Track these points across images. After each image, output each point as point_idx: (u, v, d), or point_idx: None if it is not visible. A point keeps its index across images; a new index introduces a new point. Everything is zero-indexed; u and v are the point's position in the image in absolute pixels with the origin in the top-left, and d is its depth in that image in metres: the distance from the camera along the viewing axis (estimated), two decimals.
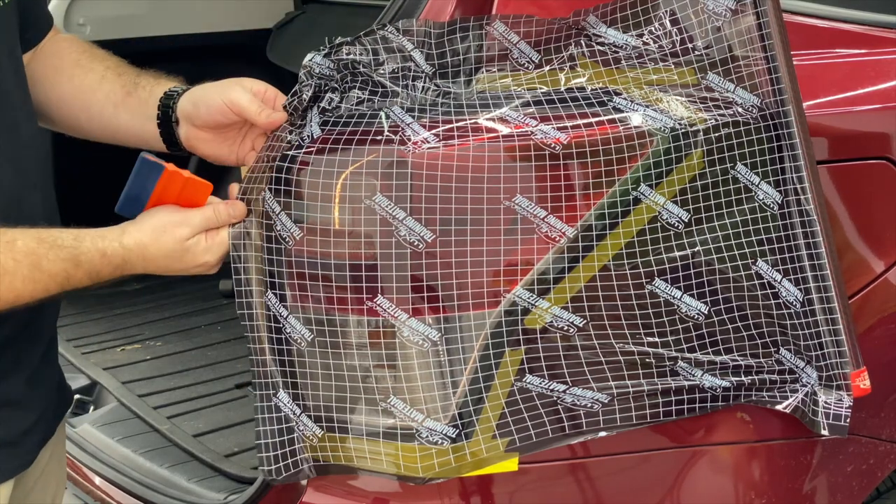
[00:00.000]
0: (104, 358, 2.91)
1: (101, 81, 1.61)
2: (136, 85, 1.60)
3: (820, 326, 1.58)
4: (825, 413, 1.59)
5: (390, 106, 1.50)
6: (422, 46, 1.55)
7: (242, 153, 1.57)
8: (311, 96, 1.49)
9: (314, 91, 1.49)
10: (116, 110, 1.60)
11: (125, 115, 1.60)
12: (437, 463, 1.48)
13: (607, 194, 1.50)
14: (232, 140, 1.56)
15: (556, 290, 1.49)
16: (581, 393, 1.52)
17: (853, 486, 1.81)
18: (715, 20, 1.56)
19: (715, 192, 1.55)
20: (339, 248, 1.47)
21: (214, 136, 1.55)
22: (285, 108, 1.51)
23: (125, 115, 1.60)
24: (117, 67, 1.63)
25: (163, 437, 2.44)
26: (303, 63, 1.51)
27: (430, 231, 1.45)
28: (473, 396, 1.48)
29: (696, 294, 1.55)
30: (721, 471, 1.74)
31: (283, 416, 1.52)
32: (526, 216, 1.47)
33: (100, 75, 1.62)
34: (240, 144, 1.56)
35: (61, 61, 1.63)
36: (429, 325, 1.46)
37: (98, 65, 1.63)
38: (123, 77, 1.62)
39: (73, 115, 1.64)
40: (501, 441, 1.50)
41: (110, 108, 1.60)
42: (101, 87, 1.61)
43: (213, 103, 1.52)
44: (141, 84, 1.60)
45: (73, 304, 3.30)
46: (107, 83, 1.61)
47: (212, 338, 3.05)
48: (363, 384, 1.49)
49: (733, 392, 1.59)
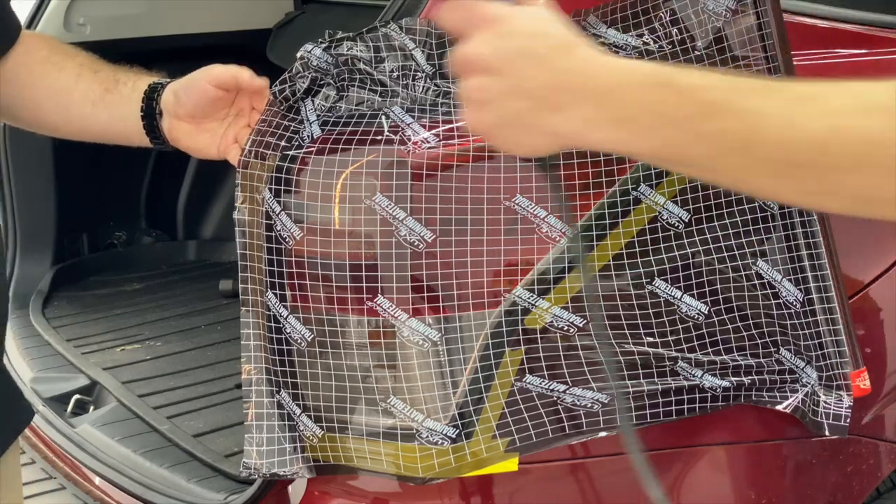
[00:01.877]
0: (104, 358, 2.91)
1: (77, 80, 1.57)
2: (115, 81, 1.56)
3: (820, 326, 1.58)
4: (825, 413, 1.59)
5: (390, 106, 1.50)
6: (423, 46, 1.55)
7: (224, 146, 1.54)
8: (305, 88, 1.49)
9: (309, 83, 1.49)
10: (95, 108, 1.56)
11: (104, 113, 1.56)
12: (437, 463, 1.48)
13: (607, 194, 1.50)
14: (213, 132, 1.54)
15: (556, 290, 1.49)
16: (581, 393, 1.52)
17: (853, 486, 1.81)
18: (715, 20, 1.56)
19: (715, 192, 1.55)
20: (339, 248, 1.47)
21: (195, 127, 1.53)
22: (275, 94, 1.50)
23: (104, 112, 1.56)
24: (92, 64, 1.59)
25: (163, 437, 2.43)
26: (299, 54, 1.50)
27: (430, 231, 1.45)
28: (473, 396, 1.48)
29: (696, 294, 1.55)
30: (721, 471, 1.74)
31: (285, 414, 1.52)
32: (526, 216, 1.47)
33: (74, 73, 1.57)
34: (221, 136, 1.54)
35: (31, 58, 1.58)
36: (429, 326, 1.46)
37: (70, 62, 1.59)
38: (100, 74, 1.58)
39: (47, 115, 1.60)
40: (501, 441, 1.49)
41: (88, 107, 1.56)
42: (77, 87, 1.57)
43: (194, 86, 1.50)
44: (121, 80, 1.57)
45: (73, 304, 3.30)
46: (83, 82, 1.57)
47: (212, 338, 3.05)
48: (363, 384, 1.49)
49: (733, 392, 1.59)
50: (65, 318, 3.20)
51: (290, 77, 1.50)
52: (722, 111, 0.91)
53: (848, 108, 0.89)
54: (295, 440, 1.52)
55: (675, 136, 0.93)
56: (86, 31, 3.29)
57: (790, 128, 0.89)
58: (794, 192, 0.94)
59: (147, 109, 1.53)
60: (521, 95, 0.98)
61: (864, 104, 0.89)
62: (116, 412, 2.58)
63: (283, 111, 1.51)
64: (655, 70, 0.96)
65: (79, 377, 2.77)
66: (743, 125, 0.90)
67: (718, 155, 0.92)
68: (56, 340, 2.99)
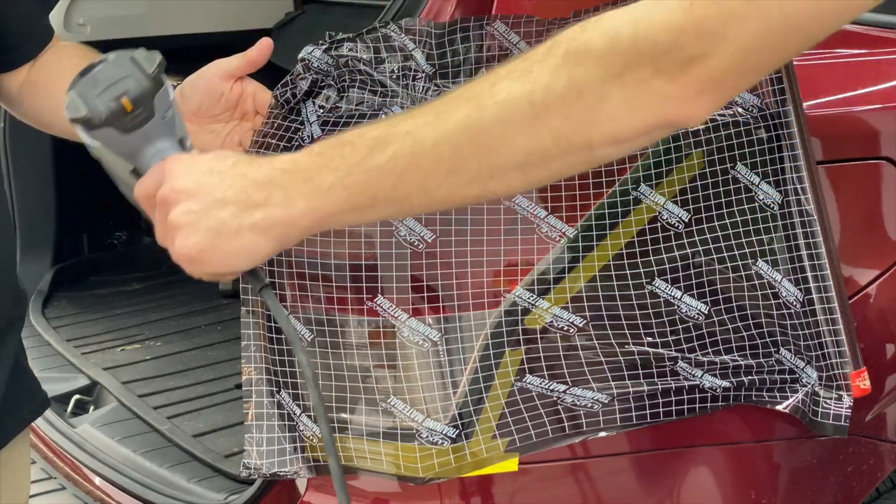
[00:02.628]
0: (104, 358, 2.91)
1: None
2: None
3: (820, 326, 1.58)
4: (825, 413, 1.59)
5: (390, 106, 1.50)
6: (423, 46, 1.55)
7: (228, 147, 1.55)
8: (306, 90, 1.49)
9: (309, 85, 1.49)
10: None
11: None
12: (437, 463, 1.48)
13: (607, 194, 1.50)
14: (216, 133, 1.54)
15: (556, 291, 1.49)
16: (581, 393, 1.51)
17: (853, 486, 1.81)
18: None
19: (715, 192, 1.55)
20: (339, 247, 1.47)
21: (199, 127, 1.53)
22: (276, 97, 1.50)
23: None
24: None
25: (163, 437, 2.44)
26: (300, 56, 1.51)
27: (430, 231, 1.45)
28: (473, 396, 1.48)
29: (696, 294, 1.55)
30: (721, 471, 1.73)
31: (285, 414, 1.52)
32: (526, 216, 1.47)
33: None
34: (225, 138, 1.55)
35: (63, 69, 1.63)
36: (429, 326, 1.46)
37: None
38: None
39: None
40: (501, 441, 1.49)
41: None
42: None
43: (200, 81, 1.51)
44: None
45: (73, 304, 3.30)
46: None
47: (212, 338, 3.05)
48: (363, 384, 1.49)
49: (733, 392, 1.59)
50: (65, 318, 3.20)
51: (292, 80, 1.50)
52: (384, 141, 1.06)
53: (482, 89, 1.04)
54: (295, 440, 1.52)
55: (359, 181, 1.06)
56: (86, 31, 3.30)
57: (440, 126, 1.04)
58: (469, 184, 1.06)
59: None
60: (223, 205, 1.09)
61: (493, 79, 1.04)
62: (116, 412, 2.58)
63: (285, 113, 1.51)
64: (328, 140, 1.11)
65: (79, 377, 2.78)
66: (404, 144, 1.05)
67: (397, 180, 1.06)
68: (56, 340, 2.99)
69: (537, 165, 1.04)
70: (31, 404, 1.63)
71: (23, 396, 1.59)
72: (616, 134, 1.02)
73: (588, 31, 1.00)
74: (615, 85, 0.98)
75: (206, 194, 1.10)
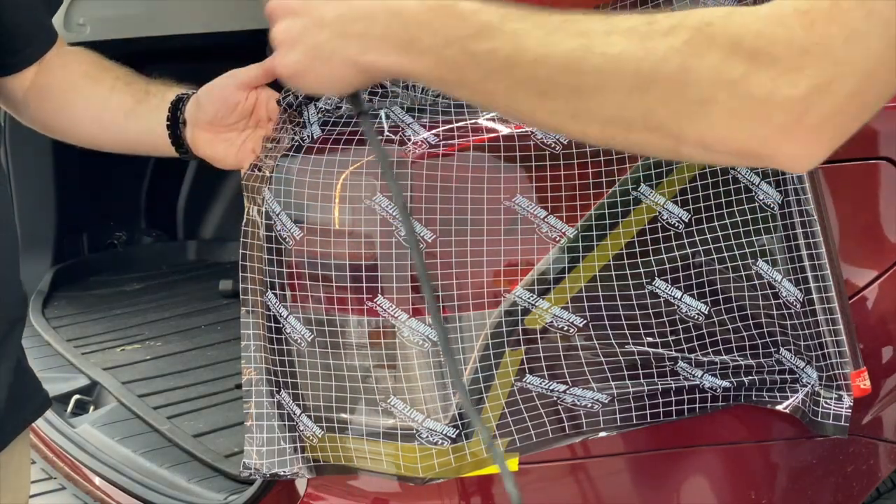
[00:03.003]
0: (104, 358, 2.91)
1: (112, 92, 1.62)
2: (146, 93, 1.61)
3: (820, 326, 1.58)
4: (825, 413, 1.59)
5: (390, 106, 1.50)
6: None
7: (242, 155, 1.57)
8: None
9: None
10: (127, 120, 1.61)
11: (134, 124, 1.61)
12: (437, 463, 1.48)
13: (607, 194, 1.50)
14: (231, 142, 1.56)
15: (557, 291, 1.49)
16: (581, 393, 1.51)
17: (853, 486, 1.81)
18: None
19: (715, 192, 1.55)
20: (339, 248, 1.47)
21: (214, 136, 1.55)
22: (278, 102, 1.51)
23: (134, 123, 1.61)
24: (126, 77, 1.64)
25: (163, 438, 2.44)
26: None
27: (430, 231, 1.45)
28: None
29: (696, 294, 1.55)
30: (721, 471, 1.73)
31: (285, 414, 1.52)
32: (526, 216, 1.47)
33: (109, 86, 1.62)
34: (240, 147, 1.56)
35: (70, 74, 1.64)
36: (429, 326, 1.46)
37: (107, 75, 1.64)
38: (133, 86, 1.63)
39: (85, 127, 1.65)
40: (501, 441, 1.49)
41: (121, 119, 1.61)
42: (111, 98, 1.62)
43: (216, 90, 1.52)
44: (151, 92, 1.61)
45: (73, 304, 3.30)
46: (117, 94, 1.62)
47: (212, 338, 3.05)
48: (363, 384, 1.49)
49: (733, 392, 1.59)
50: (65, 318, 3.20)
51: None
52: (492, 31, 0.99)
53: (597, 30, 0.97)
54: (295, 440, 1.52)
55: (453, 57, 1.01)
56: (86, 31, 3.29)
57: (545, 47, 0.97)
58: (551, 113, 1.01)
59: (172, 119, 1.56)
60: (321, 27, 1.09)
61: (611, 27, 0.96)
62: (116, 412, 2.58)
63: (288, 118, 1.51)
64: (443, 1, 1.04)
65: (79, 377, 2.78)
66: (507, 44, 0.99)
67: (487, 75, 1.00)
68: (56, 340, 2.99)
69: (619, 129, 0.98)
70: (32, 404, 1.63)
71: (24, 397, 1.59)
72: (708, 141, 0.95)
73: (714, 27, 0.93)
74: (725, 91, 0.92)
75: (307, 13, 1.11)
